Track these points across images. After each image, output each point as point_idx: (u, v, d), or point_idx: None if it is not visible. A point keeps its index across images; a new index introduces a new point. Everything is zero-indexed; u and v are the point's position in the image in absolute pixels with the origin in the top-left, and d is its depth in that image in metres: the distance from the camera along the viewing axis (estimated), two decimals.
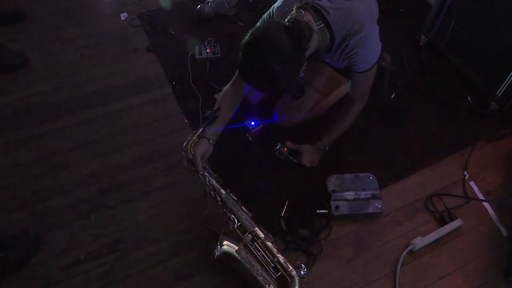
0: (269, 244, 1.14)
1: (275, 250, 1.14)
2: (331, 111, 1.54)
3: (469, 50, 1.63)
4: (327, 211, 1.32)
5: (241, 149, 1.48)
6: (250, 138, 1.50)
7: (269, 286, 1.09)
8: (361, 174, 1.38)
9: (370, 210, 1.31)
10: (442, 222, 1.32)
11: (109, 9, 2.04)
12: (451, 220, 1.32)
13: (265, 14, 1.22)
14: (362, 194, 1.33)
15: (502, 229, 1.33)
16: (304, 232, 1.30)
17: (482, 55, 1.58)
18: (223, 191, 1.17)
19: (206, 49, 1.77)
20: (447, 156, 1.49)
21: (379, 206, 1.31)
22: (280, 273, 1.13)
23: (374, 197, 1.33)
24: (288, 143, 1.42)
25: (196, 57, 1.76)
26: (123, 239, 1.29)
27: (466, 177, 1.44)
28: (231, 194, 1.18)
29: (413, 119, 1.60)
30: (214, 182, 1.17)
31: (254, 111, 1.54)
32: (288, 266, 1.12)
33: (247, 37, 1.00)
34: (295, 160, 1.43)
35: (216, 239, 1.11)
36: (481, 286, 1.22)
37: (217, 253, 1.10)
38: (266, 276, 1.10)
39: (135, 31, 1.93)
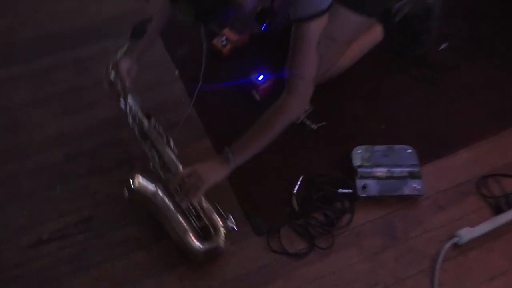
0: None
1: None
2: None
3: None
4: (351, 190, 1.17)
5: (246, 111, 1.30)
6: (257, 97, 1.33)
7: (183, 236, 1.02)
8: (396, 146, 1.22)
9: (406, 191, 1.16)
10: (498, 210, 1.15)
11: None
12: (510, 208, 1.15)
13: None
14: (397, 172, 1.18)
15: None
16: (319, 216, 1.14)
17: None
18: (146, 122, 1.10)
19: None
20: (508, 128, 1.30)
21: (418, 187, 1.16)
22: (204, 223, 1.05)
23: (411, 175, 1.18)
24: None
25: None
26: (96, 216, 1.15)
27: None
28: (157, 126, 1.10)
29: (467, 79, 1.40)
30: (138, 109, 1.11)
31: (262, 62, 1.34)
32: (213, 216, 1.05)
33: None
34: (313, 126, 1.26)
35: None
36: None
37: (127, 193, 1.02)
38: (184, 224, 1.03)
39: None
